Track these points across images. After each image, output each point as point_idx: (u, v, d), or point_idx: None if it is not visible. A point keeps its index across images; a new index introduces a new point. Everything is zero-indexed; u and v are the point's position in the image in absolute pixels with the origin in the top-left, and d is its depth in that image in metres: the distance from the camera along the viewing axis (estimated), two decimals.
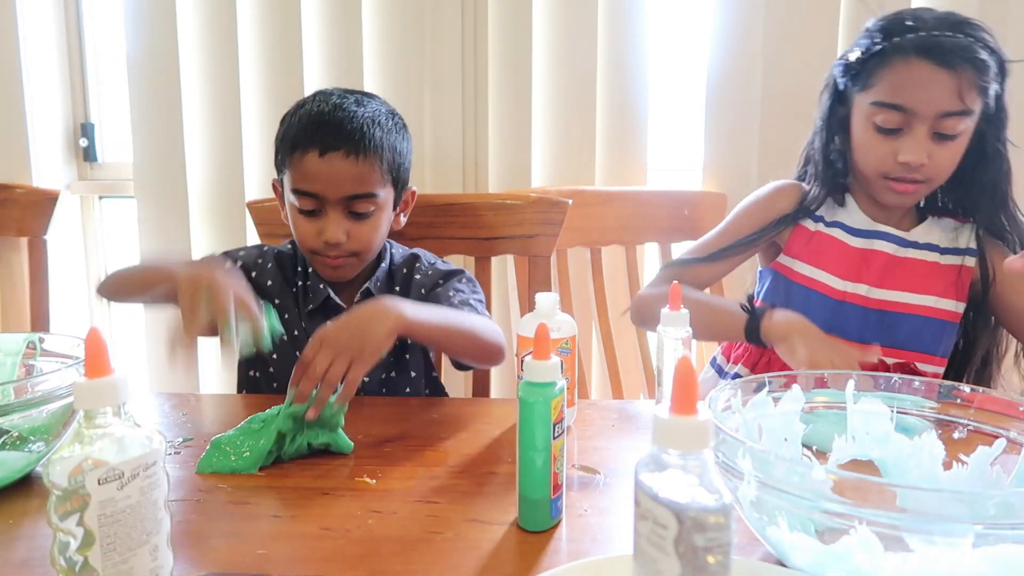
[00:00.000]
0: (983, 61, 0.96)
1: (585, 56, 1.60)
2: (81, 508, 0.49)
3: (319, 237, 1.05)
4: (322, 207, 1.05)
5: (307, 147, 1.03)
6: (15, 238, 1.57)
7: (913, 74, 0.98)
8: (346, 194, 1.04)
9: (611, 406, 1.05)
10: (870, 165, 1.05)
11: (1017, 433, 0.67)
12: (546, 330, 0.66)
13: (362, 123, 1.04)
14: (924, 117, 0.98)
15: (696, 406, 0.41)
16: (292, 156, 1.05)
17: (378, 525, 0.69)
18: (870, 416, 0.73)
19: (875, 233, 1.11)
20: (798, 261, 1.14)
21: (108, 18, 1.82)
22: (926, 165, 1.00)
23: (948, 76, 0.96)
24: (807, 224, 1.14)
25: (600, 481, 0.79)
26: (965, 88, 0.96)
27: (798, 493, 0.52)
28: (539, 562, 0.63)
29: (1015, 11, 1.50)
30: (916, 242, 1.10)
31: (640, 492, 0.41)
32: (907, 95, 0.99)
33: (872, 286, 1.09)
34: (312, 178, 1.03)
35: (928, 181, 1.03)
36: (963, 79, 0.96)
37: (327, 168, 1.02)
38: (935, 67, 0.96)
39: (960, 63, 0.96)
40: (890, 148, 1.01)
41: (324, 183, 1.03)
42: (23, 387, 0.74)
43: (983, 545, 0.48)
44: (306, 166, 1.03)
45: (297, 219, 1.07)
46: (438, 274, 1.16)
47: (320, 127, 1.03)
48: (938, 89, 0.96)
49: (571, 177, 1.64)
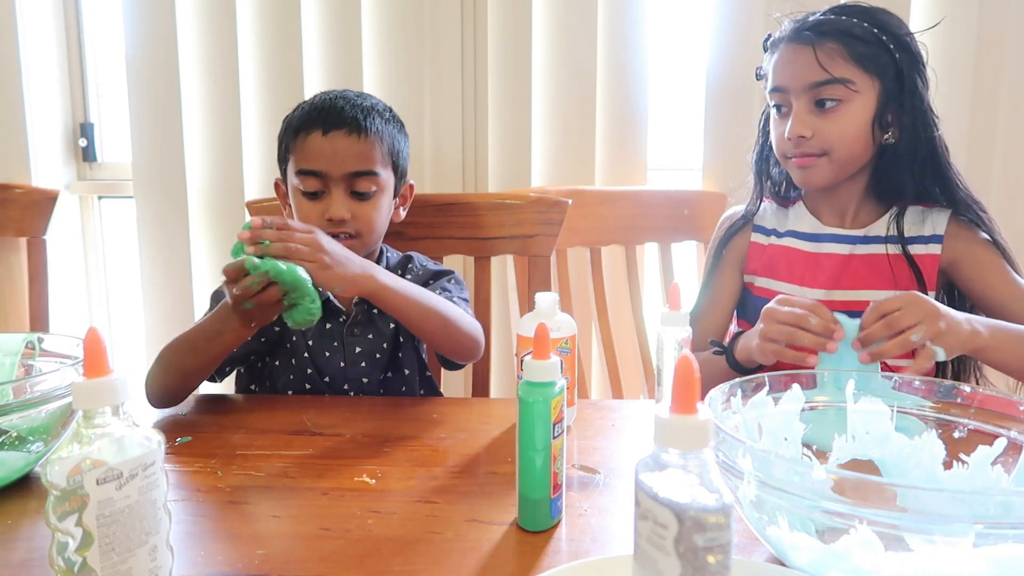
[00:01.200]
0: (847, 31, 1.02)
1: (585, 56, 1.60)
2: (80, 508, 0.49)
3: (323, 218, 1.07)
4: (325, 187, 1.07)
5: (311, 128, 1.07)
6: (14, 238, 1.57)
7: (783, 57, 1.05)
8: (349, 171, 1.07)
9: (611, 406, 1.05)
10: (778, 151, 1.10)
11: (1017, 433, 0.67)
12: (546, 330, 0.66)
13: (363, 109, 1.09)
14: (796, 92, 1.04)
15: (696, 406, 0.41)
16: (295, 139, 1.08)
17: (378, 525, 0.69)
18: (870, 416, 0.73)
19: (825, 236, 1.12)
20: (757, 276, 1.17)
21: (107, 18, 1.82)
22: (814, 137, 1.03)
23: (809, 49, 1.02)
24: (759, 239, 1.18)
25: (600, 481, 0.79)
26: (828, 58, 1.01)
27: (798, 493, 0.52)
28: (539, 562, 0.63)
29: (1014, 10, 1.50)
30: (879, 236, 1.09)
31: (640, 492, 0.41)
32: (780, 76, 1.06)
33: (828, 289, 1.09)
34: (316, 156, 1.06)
35: (825, 153, 1.05)
36: (825, 50, 1.01)
37: (330, 146, 1.06)
38: (797, 45, 1.04)
39: (819, 37, 1.02)
40: (782, 129, 1.07)
41: (328, 160, 1.06)
42: (22, 387, 0.74)
43: (983, 545, 0.48)
44: (310, 145, 1.07)
45: (301, 204, 1.09)
46: (428, 273, 1.19)
47: (322, 111, 1.08)
48: (801, 62, 1.03)
49: (571, 177, 1.64)
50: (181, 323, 1.74)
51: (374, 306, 1.13)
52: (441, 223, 1.32)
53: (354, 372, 1.12)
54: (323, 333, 1.12)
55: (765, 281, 1.15)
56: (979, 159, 1.53)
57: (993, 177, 1.54)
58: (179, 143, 1.66)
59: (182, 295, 1.73)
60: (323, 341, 1.12)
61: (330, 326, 1.12)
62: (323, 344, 1.12)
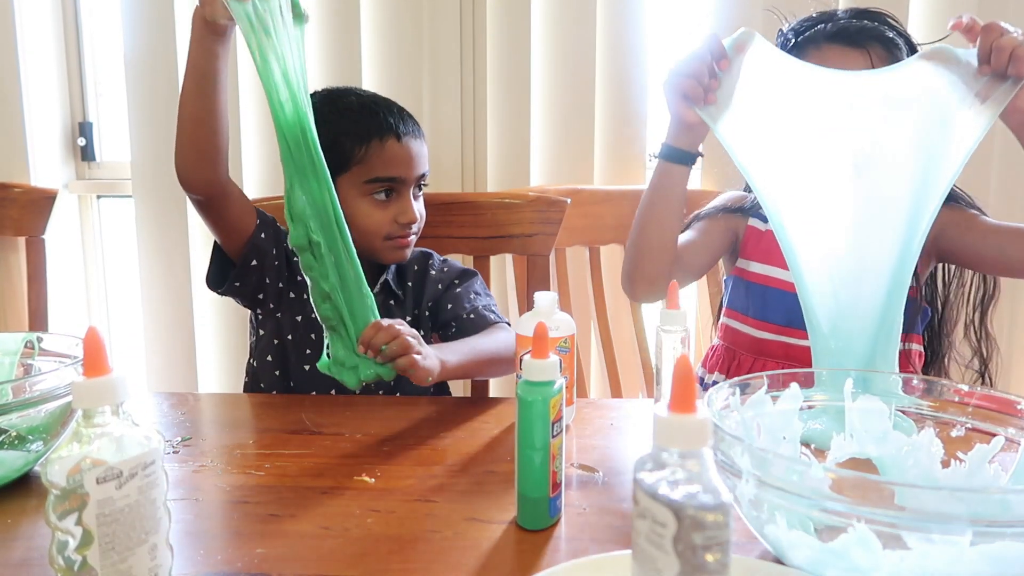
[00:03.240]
0: (890, 39, 1.02)
1: (584, 55, 1.60)
2: (80, 507, 0.49)
3: (395, 221, 1.09)
4: (394, 190, 1.09)
5: (384, 135, 1.07)
6: (13, 237, 1.57)
7: (827, 59, 1.02)
8: (419, 173, 1.11)
9: (610, 405, 1.06)
10: None
11: (1015, 431, 0.68)
12: (545, 329, 0.67)
13: (403, 110, 1.12)
14: None
15: (695, 405, 0.41)
16: (367, 147, 1.08)
17: (377, 524, 0.69)
18: (868, 414, 0.73)
19: None
20: (752, 262, 1.17)
21: (106, 17, 1.82)
22: None
23: (859, 53, 1.01)
24: (757, 224, 1.17)
25: (599, 479, 0.79)
26: (876, 63, 1.01)
27: (797, 491, 0.52)
28: (538, 561, 0.63)
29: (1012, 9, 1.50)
30: None
31: (639, 490, 0.41)
32: None
33: None
34: (396, 163, 1.08)
35: None
36: (873, 55, 1.01)
37: (405, 152, 1.08)
38: (844, 48, 1.02)
39: (867, 40, 1.02)
40: None
41: (406, 166, 1.09)
42: (21, 386, 0.74)
43: (981, 543, 0.48)
44: (387, 152, 1.08)
45: (370, 211, 1.09)
46: (454, 272, 1.20)
47: (382, 115, 1.09)
48: (851, 66, 1.00)
49: (570, 176, 1.64)
50: (180, 323, 1.74)
51: (390, 297, 1.15)
52: (440, 222, 1.33)
53: None
54: None
55: (761, 267, 1.15)
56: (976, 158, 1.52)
57: (992, 176, 1.54)
58: None
59: (181, 294, 1.73)
60: None
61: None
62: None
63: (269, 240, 1.08)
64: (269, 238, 1.09)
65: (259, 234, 1.07)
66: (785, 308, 1.11)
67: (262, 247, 1.08)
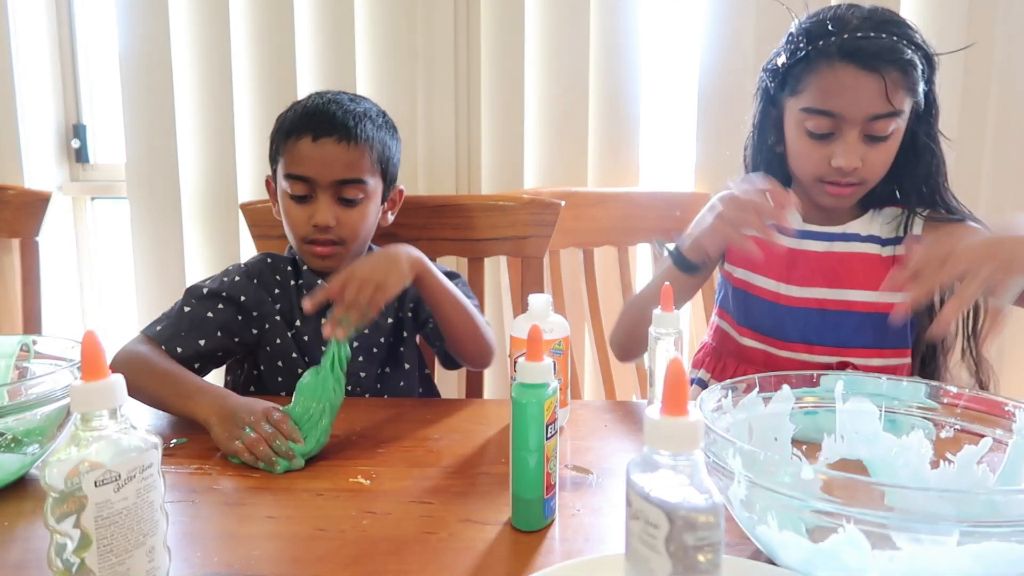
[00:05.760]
0: (908, 60, 0.96)
1: (577, 57, 1.61)
2: (78, 510, 0.50)
3: (309, 222, 1.08)
4: (313, 192, 1.08)
5: (301, 133, 1.07)
6: (7, 239, 1.57)
7: (839, 79, 0.96)
8: (336, 178, 1.07)
9: (604, 406, 1.06)
10: (805, 170, 1.05)
11: (1003, 432, 0.68)
12: (539, 332, 0.67)
13: (355, 114, 1.09)
14: (853, 121, 0.98)
15: (687, 407, 0.41)
16: (286, 143, 1.09)
17: (372, 526, 0.70)
18: (858, 415, 0.74)
19: (804, 233, 1.10)
20: (736, 268, 1.15)
21: (100, 18, 1.82)
22: (860, 168, 1.00)
23: (874, 79, 0.95)
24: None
25: (593, 481, 0.80)
26: (892, 89, 0.95)
27: (788, 492, 0.53)
28: (532, 562, 0.64)
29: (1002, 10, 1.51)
30: (857, 235, 1.09)
31: (632, 492, 0.42)
32: (835, 100, 0.97)
33: (803, 286, 1.08)
34: (305, 162, 1.07)
35: (863, 182, 1.03)
36: (889, 81, 0.95)
37: (319, 152, 1.06)
38: (860, 71, 0.95)
39: (884, 65, 0.95)
40: (823, 153, 1.01)
41: (316, 167, 1.07)
42: (17, 389, 0.74)
43: (968, 543, 0.49)
44: (299, 151, 1.07)
45: (289, 207, 1.10)
46: None
47: (314, 115, 1.09)
48: (865, 92, 0.96)
49: (563, 178, 1.65)
50: None
51: None
52: (434, 224, 1.33)
53: (351, 366, 1.12)
54: (318, 327, 1.12)
55: (744, 273, 1.14)
56: (969, 159, 1.53)
57: (983, 177, 1.55)
58: (172, 144, 1.66)
59: (175, 296, 1.71)
60: (318, 335, 1.11)
61: (324, 319, 1.12)
62: (318, 338, 1.11)
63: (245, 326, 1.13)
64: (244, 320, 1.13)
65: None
66: (766, 316, 1.10)
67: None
